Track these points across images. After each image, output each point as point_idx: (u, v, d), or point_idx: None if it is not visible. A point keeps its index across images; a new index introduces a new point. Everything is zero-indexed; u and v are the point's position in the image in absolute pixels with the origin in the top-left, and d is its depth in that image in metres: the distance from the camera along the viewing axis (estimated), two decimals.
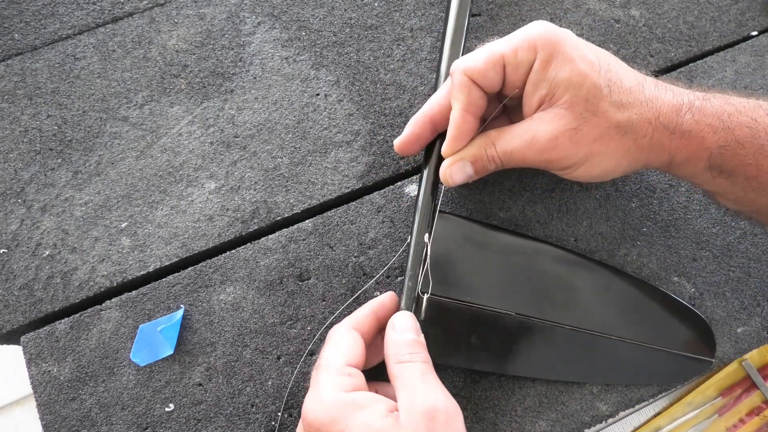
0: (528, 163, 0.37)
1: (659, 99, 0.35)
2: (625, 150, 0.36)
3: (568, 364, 0.39)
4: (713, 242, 0.43)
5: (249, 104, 0.47)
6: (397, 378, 0.32)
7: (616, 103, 0.35)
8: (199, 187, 0.44)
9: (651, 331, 0.39)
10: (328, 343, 0.35)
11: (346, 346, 0.34)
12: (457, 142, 0.37)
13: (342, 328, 0.35)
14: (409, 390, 0.31)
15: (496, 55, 0.35)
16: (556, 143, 0.35)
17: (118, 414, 0.39)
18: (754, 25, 0.51)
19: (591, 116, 0.35)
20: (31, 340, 0.40)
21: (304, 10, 0.50)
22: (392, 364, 0.33)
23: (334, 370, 0.33)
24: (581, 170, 0.36)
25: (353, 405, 0.30)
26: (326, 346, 0.35)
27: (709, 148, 0.35)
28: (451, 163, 0.37)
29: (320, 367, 0.34)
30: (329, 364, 0.33)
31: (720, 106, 0.35)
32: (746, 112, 0.35)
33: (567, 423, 0.39)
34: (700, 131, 0.35)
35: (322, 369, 0.33)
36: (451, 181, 0.37)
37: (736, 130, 0.35)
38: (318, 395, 0.32)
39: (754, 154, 0.35)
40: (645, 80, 0.36)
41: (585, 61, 0.34)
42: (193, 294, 0.41)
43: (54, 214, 0.44)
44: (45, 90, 0.47)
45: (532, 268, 0.39)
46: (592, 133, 0.35)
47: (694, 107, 0.35)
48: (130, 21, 0.50)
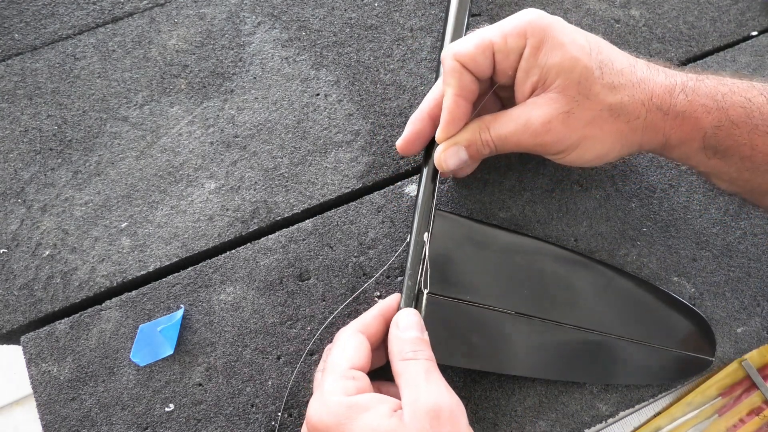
0: (522, 148, 0.37)
1: (652, 80, 0.35)
2: (618, 133, 0.36)
3: (568, 363, 0.39)
4: (713, 242, 0.43)
5: (249, 104, 0.47)
6: (400, 375, 0.32)
7: (609, 85, 0.35)
8: (199, 187, 0.44)
9: (651, 329, 0.39)
10: (335, 345, 0.35)
11: (352, 348, 0.34)
12: (451, 126, 0.37)
13: (348, 331, 0.35)
14: (413, 388, 0.31)
15: (486, 41, 0.35)
16: (549, 127, 0.35)
17: (118, 414, 0.39)
18: (754, 25, 0.51)
19: (584, 99, 0.35)
20: (31, 340, 0.40)
21: (304, 10, 0.50)
22: (396, 361, 0.33)
23: (339, 373, 0.33)
24: (575, 154, 0.36)
25: (357, 407, 0.30)
26: (332, 349, 0.35)
27: (704, 129, 0.35)
28: (445, 148, 0.37)
29: (325, 370, 0.33)
30: (334, 367, 0.33)
31: (714, 86, 0.35)
32: (740, 92, 0.35)
33: (567, 423, 0.39)
34: (694, 112, 0.35)
35: (328, 372, 0.33)
36: (445, 166, 0.37)
37: (730, 110, 0.35)
38: (323, 398, 0.31)
39: (748, 133, 0.34)
40: (636, 62, 0.36)
41: (576, 45, 0.34)
42: (193, 294, 0.41)
43: (54, 214, 0.44)
44: (45, 90, 0.47)
45: (532, 267, 0.39)
46: (584, 116, 0.35)
47: (687, 88, 0.35)
48: (130, 21, 0.50)
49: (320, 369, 0.36)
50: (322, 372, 0.34)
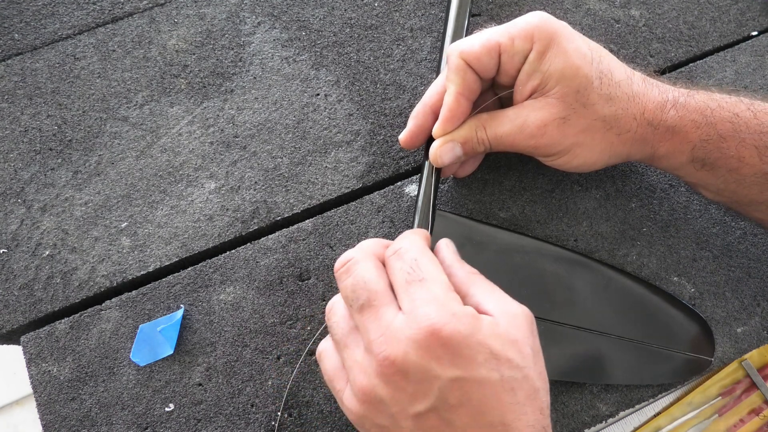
0: (516, 148, 0.38)
1: (646, 95, 0.36)
2: (608, 143, 0.37)
3: (568, 363, 0.39)
4: (713, 242, 0.43)
5: (249, 104, 0.47)
6: (474, 284, 0.31)
7: (605, 96, 0.36)
8: (199, 187, 0.44)
9: (651, 329, 0.39)
10: (414, 250, 0.31)
11: (436, 263, 0.31)
12: (449, 123, 0.37)
13: (418, 243, 0.32)
14: (498, 295, 0.31)
15: (493, 42, 0.35)
16: (545, 130, 0.36)
17: (118, 414, 0.39)
18: (754, 25, 0.51)
19: (580, 107, 0.35)
20: (31, 340, 0.40)
21: (304, 10, 0.50)
22: (466, 274, 0.32)
23: (446, 284, 0.30)
24: (563, 159, 0.38)
25: (478, 318, 0.28)
26: (418, 261, 0.30)
27: (692, 142, 0.36)
28: (441, 144, 0.37)
29: (425, 280, 0.29)
30: (437, 279, 0.29)
31: (703, 101, 0.36)
32: (728, 107, 0.36)
33: (567, 423, 0.39)
34: (683, 126, 0.36)
35: (431, 283, 0.29)
36: (440, 161, 0.37)
37: (718, 125, 0.36)
38: (446, 307, 0.28)
39: (736, 147, 0.36)
40: (633, 75, 0.37)
41: (579, 54, 0.35)
42: (193, 294, 0.41)
43: (54, 214, 0.44)
44: (45, 90, 0.47)
45: (532, 267, 0.39)
46: (579, 123, 0.36)
47: (678, 103, 0.36)
48: (130, 21, 0.50)
49: (412, 281, 0.30)
50: (420, 281, 0.29)
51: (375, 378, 0.28)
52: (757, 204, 0.38)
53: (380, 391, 0.28)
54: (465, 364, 0.27)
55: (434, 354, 0.27)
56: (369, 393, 0.28)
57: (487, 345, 0.28)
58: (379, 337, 0.28)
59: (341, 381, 0.31)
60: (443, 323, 0.27)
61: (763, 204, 0.38)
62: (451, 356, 0.27)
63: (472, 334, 0.27)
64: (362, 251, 0.32)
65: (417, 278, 0.29)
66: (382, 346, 0.28)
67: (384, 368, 0.27)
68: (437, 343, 0.27)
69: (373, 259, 0.31)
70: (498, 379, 0.27)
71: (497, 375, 0.27)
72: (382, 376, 0.28)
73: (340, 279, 0.31)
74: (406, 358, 0.27)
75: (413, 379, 0.27)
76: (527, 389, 0.28)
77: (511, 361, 0.28)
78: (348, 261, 0.31)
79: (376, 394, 0.28)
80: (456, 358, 0.27)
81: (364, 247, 0.32)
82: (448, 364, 0.27)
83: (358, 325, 0.30)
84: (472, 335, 0.27)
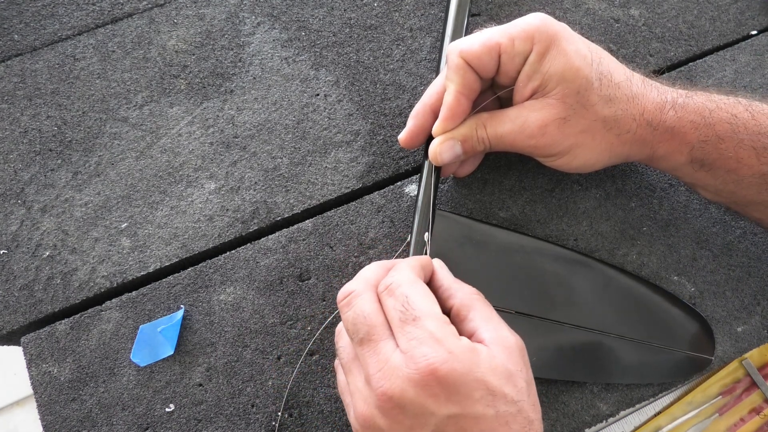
0: (515, 148, 0.38)
1: (645, 96, 0.37)
2: (608, 144, 0.37)
3: (568, 362, 0.39)
4: (713, 241, 0.43)
5: (249, 104, 0.47)
6: (474, 308, 0.31)
7: (605, 98, 0.36)
8: (199, 187, 0.44)
9: (651, 329, 0.39)
10: (404, 284, 0.31)
11: (427, 293, 0.31)
12: (449, 122, 0.37)
13: (408, 274, 0.32)
14: (496, 323, 0.31)
15: (493, 42, 0.36)
16: (545, 131, 0.36)
17: (118, 414, 0.39)
18: (753, 24, 0.51)
19: (580, 108, 0.36)
20: (32, 341, 0.40)
21: (304, 10, 0.50)
22: (467, 295, 0.32)
23: (440, 318, 0.30)
24: (563, 159, 0.38)
25: (475, 350, 0.29)
26: (408, 297, 0.30)
27: (691, 143, 0.36)
28: (441, 142, 0.37)
29: (420, 318, 0.29)
30: (430, 312, 0.30)
31: (702, 102, 0.37)
32: (726, 108, 0.37)
33: (567, 422, 0.39)
34: (682, 127, 0.36)
35: (425, 319, 0.29)
36: (439, 159, 0.37)
37: (716, 126, 0.36)
38: (443, 345, 0.28)
39: (734, 148, 0.36)
40: (633, 76, 0.37)
41: (579, 55, 0.35)
42: (193, 294, 0.41)
43: (54, 214, 0.44)
44: (45, 91, 0.47)
45: (532, 267, 0.39)
46: (579, 123, 0.36)
47: (677, 104, 0.36)
48: (129, 22, 0.50)
49: (407, 320, 0.30)
50: (414, 320, 0.29)
51: (374, 408, 0.29)
52: (756, 204, 0.38)
53: (379, 421, 0.29)
54: (462, 401, 0.28)
55: (431, 392, 0.28)
56: (368, 420, 0.29)
57: (484, 382, 0.28)
58: (377, 372, 0.29)
59: (348, 397, 0.32)
60: (440, 362, 0.28)
61: (762, 204, 0.38)
62: (448, 394, 0.28)
63: (470, 371, 0.28)
64: (363, 282, 0.32)
65: (410, 317, 0.29)
66: (380, 382, 0.28)
67: (382, 402, 0.28)
68: (434, 381, 0.28)
69: (373, 293, 0.32)
70: (494, 415, 0.28)
71: (493, 411, 0.28)
72: (380, 408, 0.28)
73: (342, 311, 0.32)
74: (403, 395, 0.28)
75: (410, 414, 0.28)
76: (521, 422, 0.29)
77: (506, 396, 0.28)
78: (349, 294, 0.32)
79: (375, 423, 0.29)
80: (453, 396, 0.28)
81: (365, 278, 0.33)
82: (444, 401, 0.28)
83: (359, 357, 0.30)
84: (469, 372, 0.28)
